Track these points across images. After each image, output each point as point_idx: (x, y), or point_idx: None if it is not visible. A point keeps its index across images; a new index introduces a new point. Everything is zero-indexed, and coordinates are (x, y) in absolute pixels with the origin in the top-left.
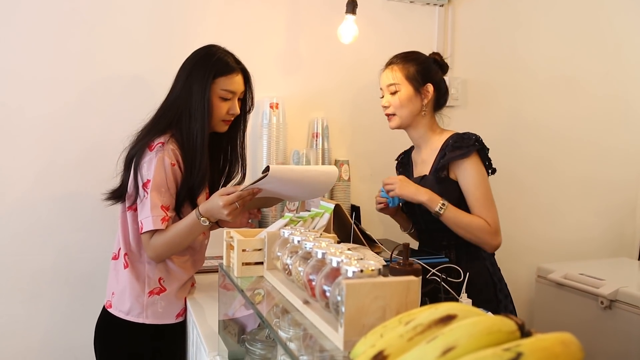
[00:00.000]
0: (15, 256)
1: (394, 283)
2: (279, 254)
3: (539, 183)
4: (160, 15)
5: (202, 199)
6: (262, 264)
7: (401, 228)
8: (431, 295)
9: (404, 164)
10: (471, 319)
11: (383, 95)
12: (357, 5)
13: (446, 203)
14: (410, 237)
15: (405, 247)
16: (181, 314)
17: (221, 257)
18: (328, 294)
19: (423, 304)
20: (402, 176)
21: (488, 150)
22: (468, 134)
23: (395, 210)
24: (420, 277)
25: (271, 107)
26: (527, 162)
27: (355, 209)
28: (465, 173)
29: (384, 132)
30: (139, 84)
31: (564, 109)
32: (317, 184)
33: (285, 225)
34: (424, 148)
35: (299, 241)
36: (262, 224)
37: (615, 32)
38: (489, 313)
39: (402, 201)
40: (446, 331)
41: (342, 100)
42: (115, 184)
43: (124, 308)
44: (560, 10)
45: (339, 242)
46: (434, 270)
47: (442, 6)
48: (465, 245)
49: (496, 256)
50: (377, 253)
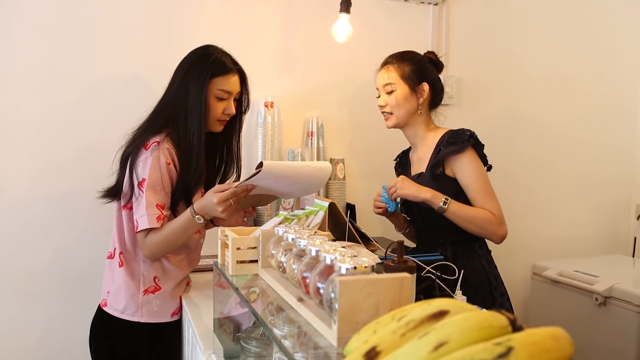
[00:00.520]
0: (11, 256)
1: (387, 280)
2: (273, 251)
3: (534, 181)
4: (156, 14)
5: (197, 198)
6: (256, 262)
7: (396, 228)
8: (426, 293)
9: (402, 164)
10: (463, 315)
11: (379, 95)
12: (351, 4)
13: (449, 198)
14: (405, 238)
15: (400, 245)
16: (176, 313)
17: (216, 256)
18: (322, 291)
19: (417, 302)
20: (402, 176)
21: (483, 146)
22: (462, 130)
23: (390, 215)
24: (414, 274)
25: (266, 106)
26: (522, 160)
27: (350, 207)
28: (463, 167)
29: (379, 130)
30: (135, 83)
31: (559, 107)
32: (311, 179)
33: (280, 223)
34: (420, 146)
35: (293, 239)
36: (257, 222)
37: (609, 31)
38: (482, 309)
39: (398, 205)
40: (438, 327)
41: (337, 99)
42: (111, 183)
43: (119, 307)
44: (554, 9)
45: (333, 240)
46: (428, 268)
47: (436, 5)
48: (462, 242)
49: (491, 253)
50: (372, 251)
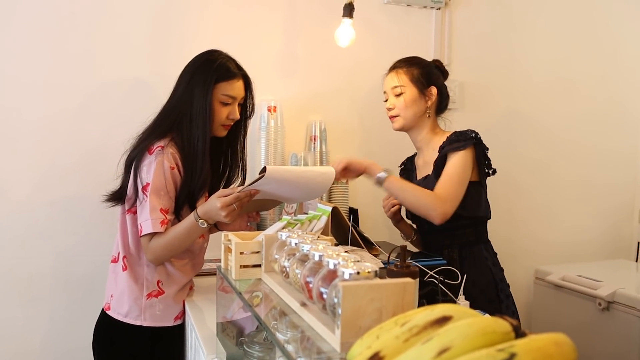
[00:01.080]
0: (14, 259)
1: (390, 285)
2: (276, 256)
3: (536, 185)
4: (158, 19)
5: (201, 203)
6: (259, 266)
7: (403, 237)
8: (429, 298)
9: (407, 170)
10: (466, 320)
11: (387, 99)
12: (354, 8)
13: (389, 170)
14: (413, 246)
15: (403, 250)
16: (179, 317)
17: (220, 260)
18: (325, 296)
19: (420, 306)
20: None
21: (487, 149)
22: (468, 130)
23: (399, 218)
24: (417, 279)
25: (269, 110)
26: (524, 164)
27: (353, 212)
28: (451, 159)
29: (382, 134)
30: (137, 87)
31: (561, 111)
32: (314, 184)
33: (283, 228)
34: (426, 150)
35: (296, 244)
36: (260, 227)
37: (612, 35)
38: (485, 314)
39: None
40: (441, 332)
41: (340, 103)
42: (115, 187)
43: (122, 310)
44: (556, 12)
45: (336, 245)
46: (431, 273)
47: (439, 9)
48: (467, 244)
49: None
50: (375, 255)
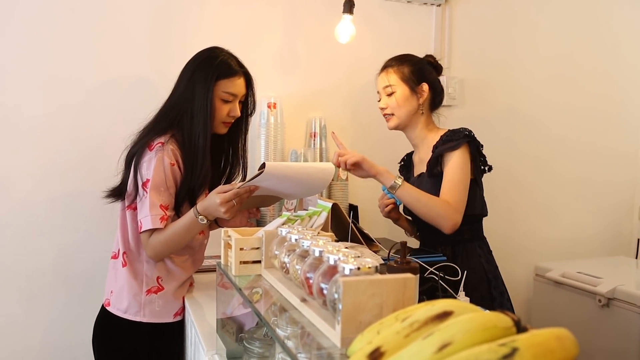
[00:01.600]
0: (14, 256)
1: (391, 280)
2: (276, 252)
3: (536, 182)
4: (158, 15)
5: (201, 199)
6: (259, 262)
7: (406, 233)
8: (429, 294)
9: (406, 166)
10: (467, 315)
11: (380, 99)
12: (354, 5)
13: (402, 177)
14: (417, 241)
15: (403, 246)
16: (179, 313)
17: (219, 256)
18: (325, 291)
19: (420, 302)
20: (363, 155)
21: (482, 146)
22: (460, 129)
23: (397, 216)
24: (418, 275)
25: (269, 106)
26: (524, 162)
27: (353, 208)
28: (448, 162)
29: (382, 131)
30: (137, 84)
31: (561, 108)
32: (314, 180)
33: (283, 224)
34: (421, 147)
35: (296, 239)
36: (260, 223)
37: (612, 32)
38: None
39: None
40: (442, 327)
41: (339, 100)
42: (115, 183)
43: (121, 306)
44: (557, 9)
45: (336, 241)
46: (431, 269)
47: (439, 6)
48: (461, 242)
49: (493, 255)
50: (375, 252)
